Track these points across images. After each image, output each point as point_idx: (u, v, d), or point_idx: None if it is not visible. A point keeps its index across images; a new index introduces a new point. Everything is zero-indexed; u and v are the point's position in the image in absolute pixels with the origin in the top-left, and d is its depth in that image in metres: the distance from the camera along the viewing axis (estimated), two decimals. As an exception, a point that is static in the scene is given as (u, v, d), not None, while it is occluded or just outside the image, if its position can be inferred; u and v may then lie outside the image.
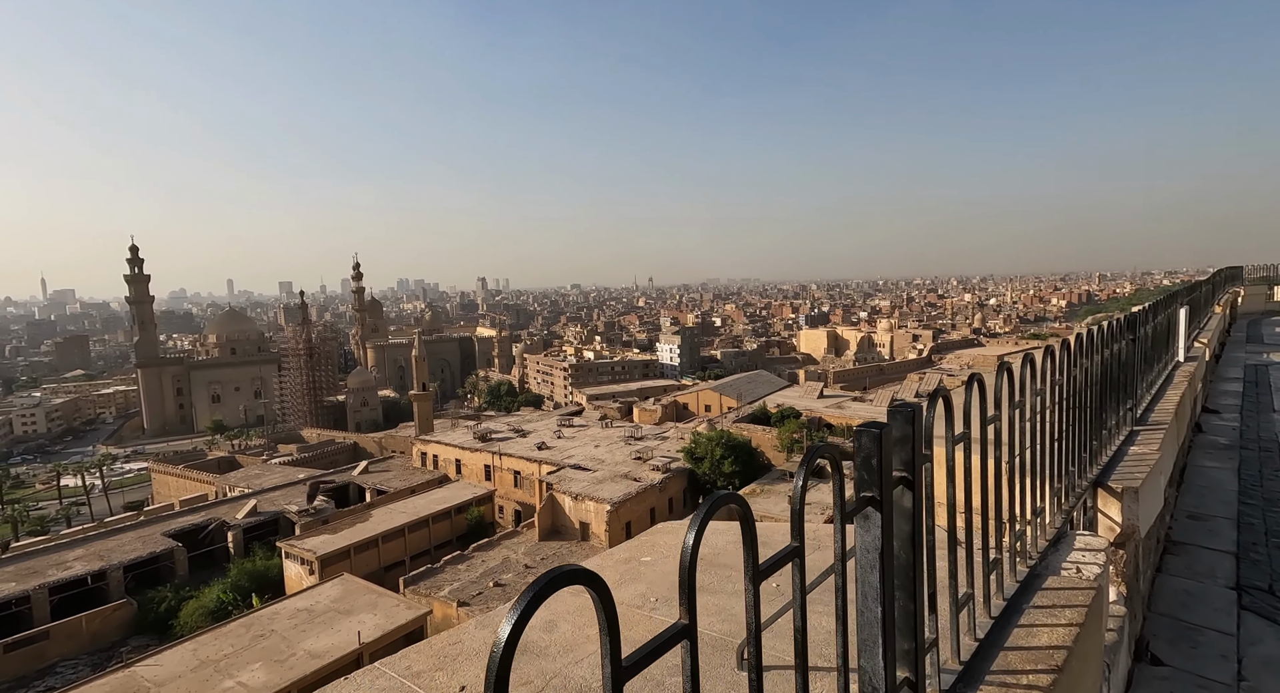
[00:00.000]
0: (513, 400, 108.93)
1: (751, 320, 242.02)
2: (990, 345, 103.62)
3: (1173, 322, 6.95)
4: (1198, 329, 9.74)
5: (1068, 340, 3.28)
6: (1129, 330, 4.58)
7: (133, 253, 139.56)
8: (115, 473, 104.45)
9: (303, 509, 43.49)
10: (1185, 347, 7.28)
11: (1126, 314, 4.74)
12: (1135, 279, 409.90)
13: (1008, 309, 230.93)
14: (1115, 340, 4.17)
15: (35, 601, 32.58)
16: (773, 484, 44.39)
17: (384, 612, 26.57)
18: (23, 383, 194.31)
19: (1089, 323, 55.44)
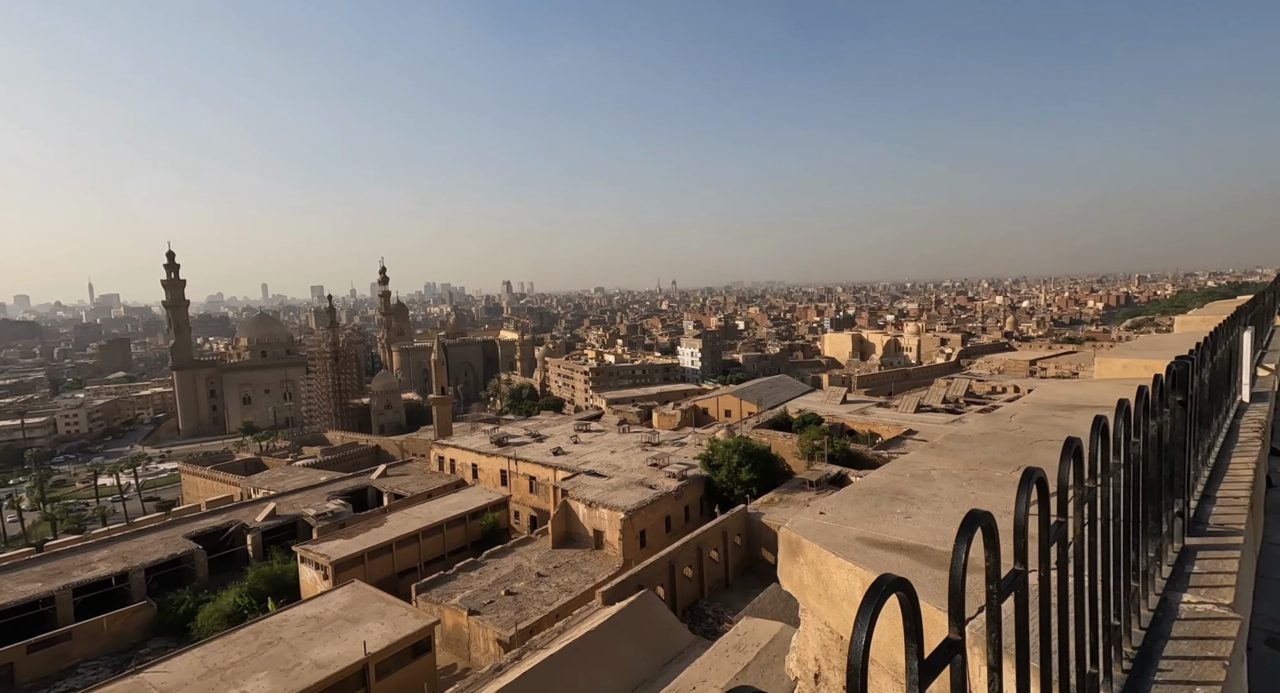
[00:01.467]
0: (533, 404, 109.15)
1: (775, 323, 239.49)
2: (1022, 350, 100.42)
3: (1235, 352, 5.44)
4: (1262, 350, 7.72)
5: (1080, 447, 1.98)
6: (1177, 389, 3.11)
7: (169, 259, 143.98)
8: (150, 473, 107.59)
9: (320, 513, 43.80)
10: (1250, 380, 5.66)
11: (1173, 365, 3.26)
12: (1177, 280, 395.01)
13: (1041, 312, 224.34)
14: (1155, 414, 2.74)
15: (59, 601, 33.27)
16: (792, 493, 43.24)
17: (392, 621, 26.34)
18: (68, 384, 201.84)
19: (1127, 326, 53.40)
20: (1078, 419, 3.77)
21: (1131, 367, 5.08)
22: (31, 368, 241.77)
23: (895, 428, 59.23)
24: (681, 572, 34.29)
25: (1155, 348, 5.93)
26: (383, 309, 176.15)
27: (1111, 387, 4.68)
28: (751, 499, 42.36)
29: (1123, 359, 5.34)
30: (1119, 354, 5.40)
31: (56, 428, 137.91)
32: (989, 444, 3.36)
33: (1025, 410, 3.85)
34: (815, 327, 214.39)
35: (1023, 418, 3.62)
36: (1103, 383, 5.11)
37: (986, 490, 2.95)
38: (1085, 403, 4.22)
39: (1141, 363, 5.00)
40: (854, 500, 3.02)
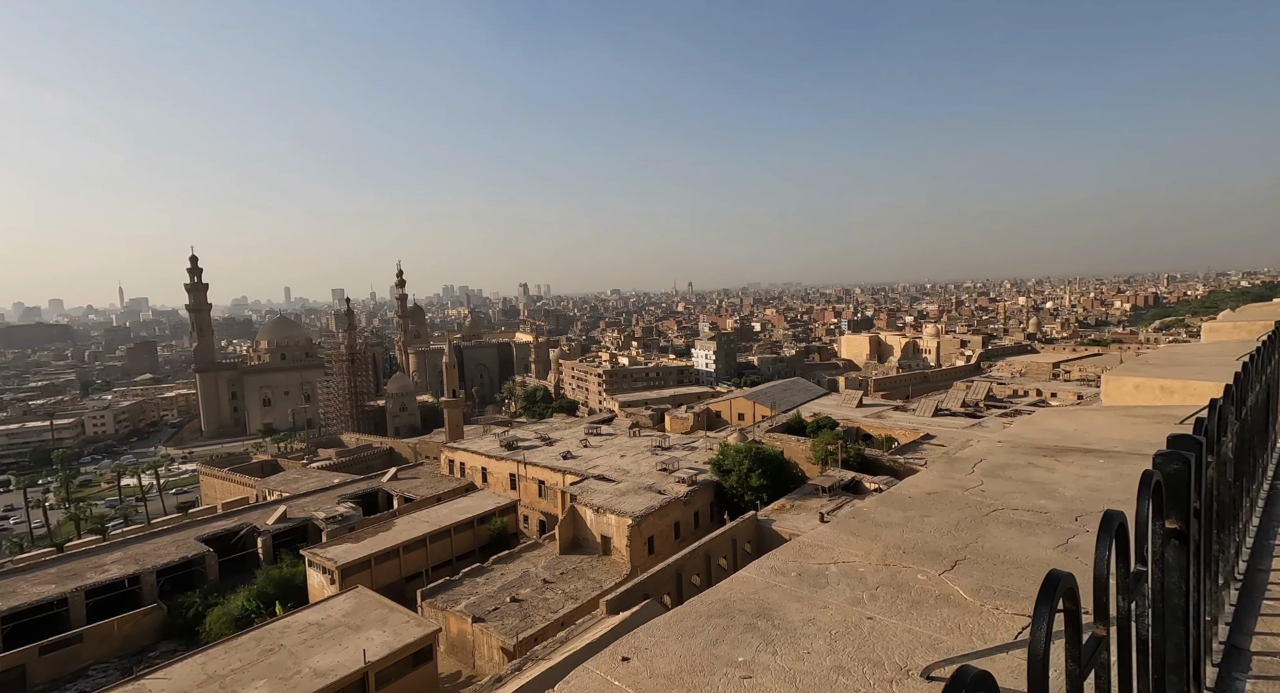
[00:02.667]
0: (546, 407, 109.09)
1: (792, 325, 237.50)
2: (1045, 352, 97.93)
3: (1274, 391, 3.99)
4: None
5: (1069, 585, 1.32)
6: (1209, 451, 2.20)
7: (192, 263, 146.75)
8: (173, 474, 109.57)
9: (330, 516, 43.88)
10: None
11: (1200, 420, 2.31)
12: (1209, 280, 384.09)
13: (1066, 313, 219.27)
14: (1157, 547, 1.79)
15: (72, 603, 33.62)
16: (804, 499, 42.30)
17: (393, 629, 26.06)
18: (97, 386, 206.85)
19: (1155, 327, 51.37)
20: (1060, 474, 2.99)
21: (1145, 388, 4.19)
22: (63, 370, 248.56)
23: (912, 432, 57.92)
24: (689, 580, 33.59)
25: (1176, 363, 4.82)
26: (400, 312, 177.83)
27: (1114, 420, 3.80)
28: (762, 505, 41.54)
29: (1135, 378, 4.39)
30: (1131, 371, 4.65)
31: (84, 429, 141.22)
32: (930, 514, 2.63)
33: (997, 455, 3.11)
34: (832, 328, 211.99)
35: (989, 468, 2.97)
36: (1104, 415, 4.06)
37: (893, 614, 2.04)
38: (1077, 444, 3.38)
39: (1157, 384, 4.09)
40: (689, 631, 2.09)
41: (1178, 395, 3.73)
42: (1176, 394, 3.63)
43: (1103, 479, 2.78)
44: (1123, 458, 2.88)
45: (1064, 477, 2.85)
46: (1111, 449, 1.94)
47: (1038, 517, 2.52)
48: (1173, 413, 3.63)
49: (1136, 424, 3.07)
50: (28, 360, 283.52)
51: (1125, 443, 2.97)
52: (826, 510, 39.78)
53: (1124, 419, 3.60)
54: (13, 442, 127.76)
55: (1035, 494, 2.71)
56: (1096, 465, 2.71)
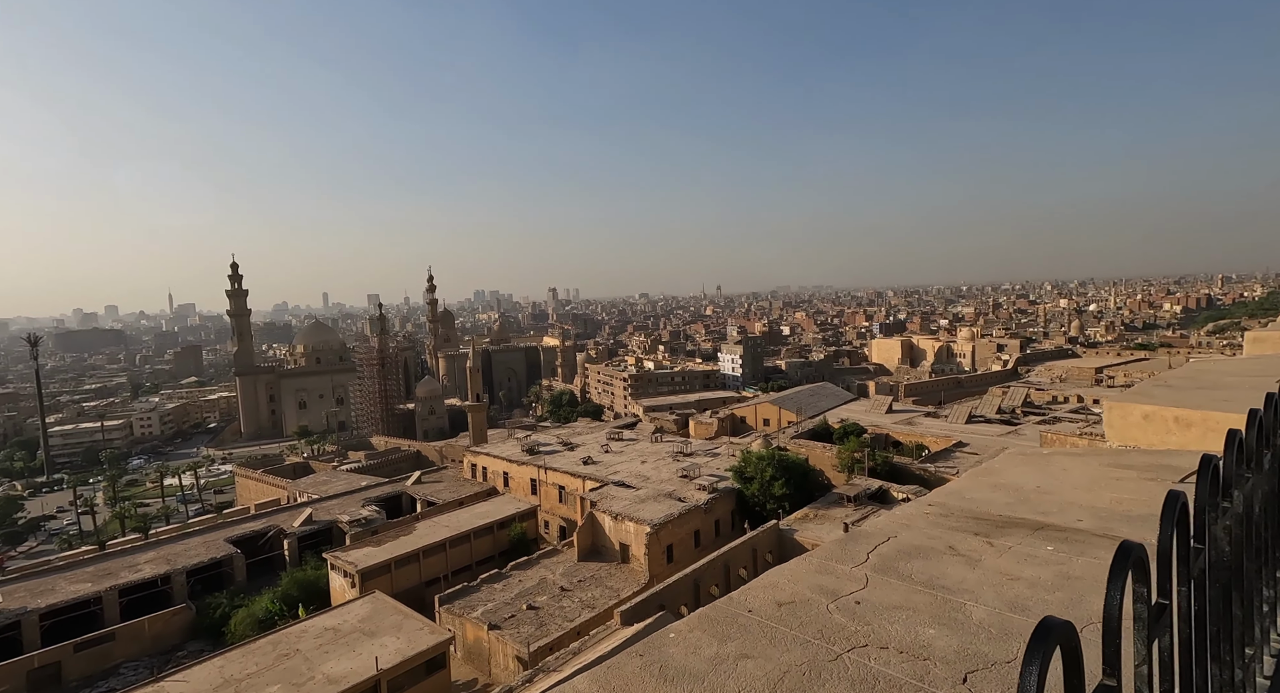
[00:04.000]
0: (572, 411, 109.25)
1: (822, 329, 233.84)
2: (1087, 356, 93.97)
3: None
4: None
5: None
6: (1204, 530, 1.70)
7: (233, 269, 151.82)
8: (213, 475, 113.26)
9: (354, 519, 44.45)
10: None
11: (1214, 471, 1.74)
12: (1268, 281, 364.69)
13: (1110, 315, 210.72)
14: None
15: (106, 601, 34.67)
16: (828, 508, 41.15)
17: (407, 636, 26.05)
18: (146, 389, 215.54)
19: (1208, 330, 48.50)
20: (984, 570, 2.05)
21: (1156, 420, 3.37)
22: (115, 373, 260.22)
23: (944, 440, 56.02)
24: (708, 591, 32.87)
25: (1201, 385, 3.92)
26: (430, 317, 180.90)
27: (1094, 473, 3.00)
28: (785, 514, 40.54)
29: (1145, 405, 3.53)
30: (1143, 395, 3.83)
31: (133, 430, 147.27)
32: (758, 652, 1.81)
33: (916, 529, 2.28)
34: (863, 332, 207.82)
35: (892, 555, 2.20)
36: (1085, 463, 3.19)
37: None
38: (1030, 513, 2.56)
39: (1171, 414, 3.28)
40: None
41: (1195, 430, 3.01)
42: (1194, 428, 2.93)
43: (1039, 584, 2.04)
44: (1082, 543, 2.13)
45: (986, 577, 2.10)
46: (1073, 525, 1.43)
47: (909, 669, 1.74)
48: (1175, 463, 2.84)
49: (1123, 480, 2.40)
50: (84, 364, 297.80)
51: (1096, 514, 2.28)
52: (851, 521, 38.59)
53: (1108, 471, 2.88)
54: (67, 442, 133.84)
55: (929, 615, 1.99)
56: (1041, 555, 2.04)
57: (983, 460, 41.76)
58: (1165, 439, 3.07)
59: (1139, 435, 3.30)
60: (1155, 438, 3.19)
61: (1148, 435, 3.26)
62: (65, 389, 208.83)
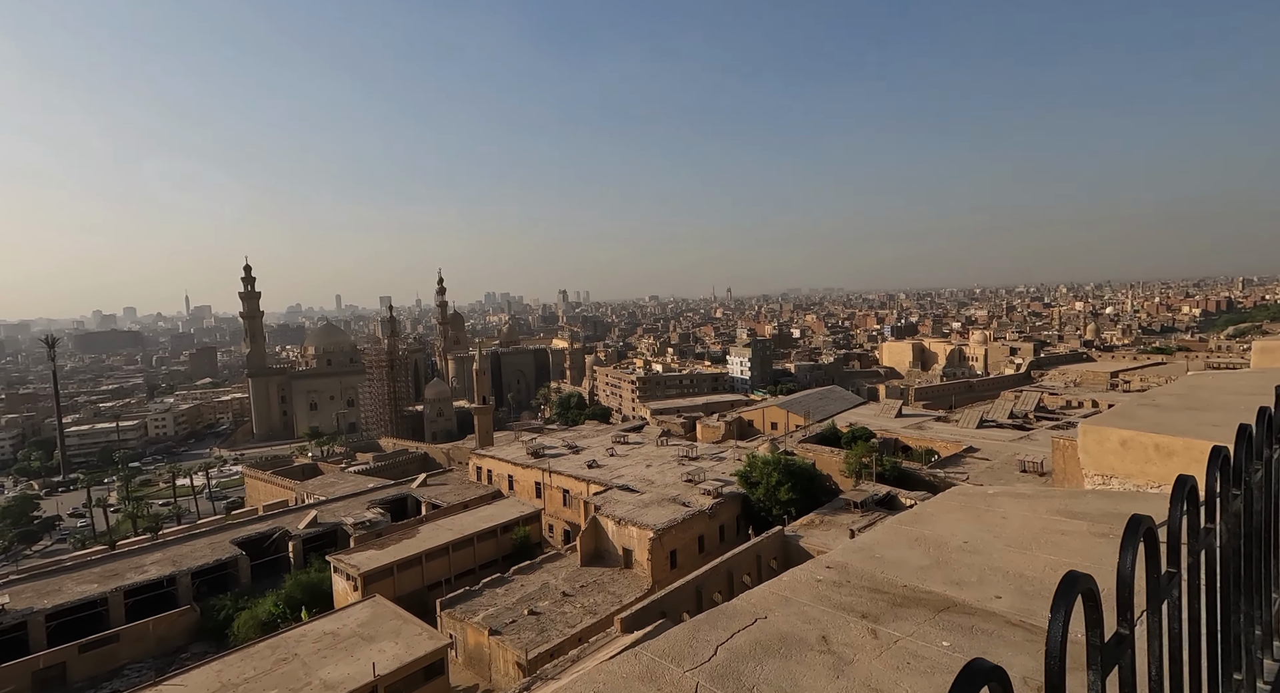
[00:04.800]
0: (580, 413, 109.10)
1: (833, 331, 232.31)
2: (1102, 360, 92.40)
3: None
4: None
5: None
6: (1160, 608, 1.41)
7: (246, 272, 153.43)
8: (224, 475, 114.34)
9: (358, 522, 44.50)
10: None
11: None
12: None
13: (1127, 319, 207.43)
14: None
15: (112, 602, 34.89)
16: (834, 514, 40.60)
17: (405, 641, 25.90)
18: (161, 390, 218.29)
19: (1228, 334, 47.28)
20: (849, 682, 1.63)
21: (1134, 447, 2.95)
22: (132, 374, 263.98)
23: (954, 445, 55.27)
24: (710, 597, 32.47)
25: (1192, 404, 3.43)
26: (440, 319, 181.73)
27: (1040, 523, 2.52)
28: (790, 520, 40.04)
29: (1125, 430, 3.09)
30: (1123, 419, 3.34)
31: (147, 430, 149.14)
32: None
33: (793, 607, 2.02)
34: (875, 335, 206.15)
35: (746, 650, 1.78)
36: (1034, 509, 2.74)
37: None
38: (940, 585, 2.10)
39: (1151, 441, 2.85)
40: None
41: (1177, 460, 2.65)
42: (1176, 458, 2.54)
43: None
44: (989, 635, 1.78)
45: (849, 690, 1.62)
46: (986, 606, 1.13)
47: None
48: (1141, 504, 2.41)
49: (1068, 536, 1.98)
50: (102, 365, 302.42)
51: (1021, 588, 1.81)
52: (858, 527, 38.02)
53: (1055, 522, 2.45)
54: (83, 442, 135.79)
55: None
56: (930, 655, 1.48)
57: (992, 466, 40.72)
58: (1144, 469, 2.73)
59: (1116, 463, 2.93)
60: (1133, 467, 2.83)
61: (1125, 464, 2.88)
62: (83, 390, 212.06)
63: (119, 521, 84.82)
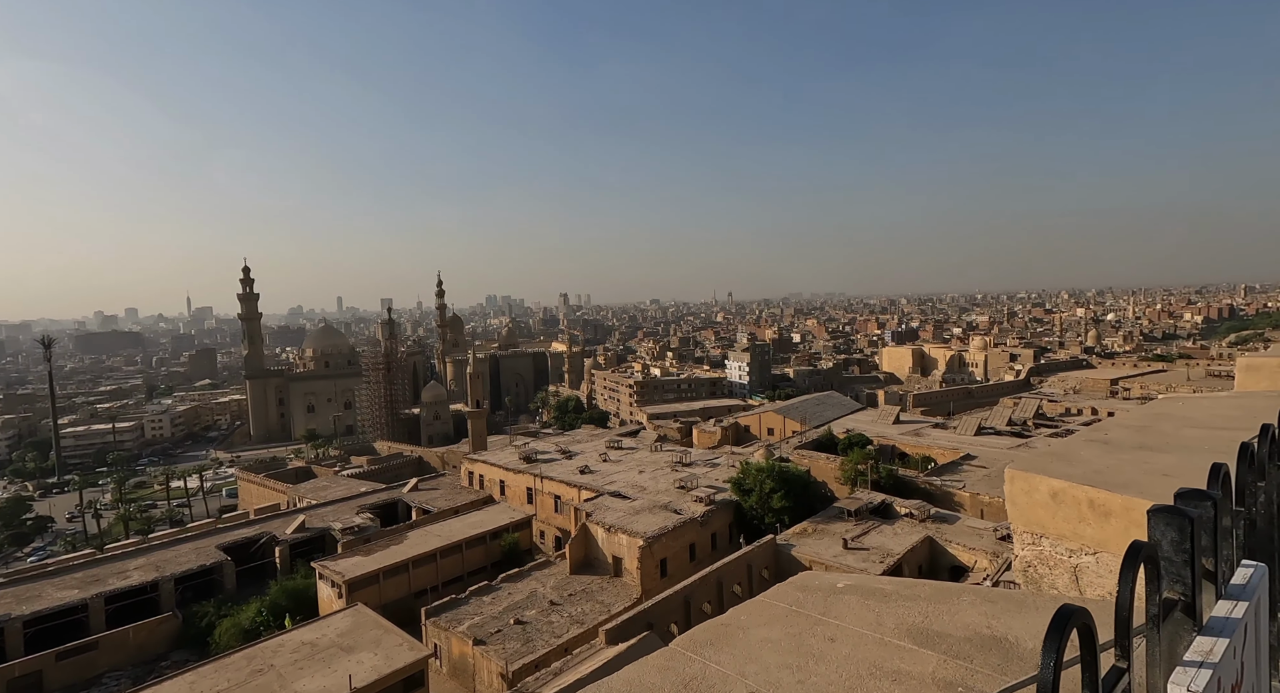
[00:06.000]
0: (577, 417, 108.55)
1: (834, 336, 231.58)
2: (1103, 367, 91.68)
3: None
4: None
5: None
6: None
7: (245, 274, 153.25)
8: (219, 478, 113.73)
9: (347, 527, 43.94)
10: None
11: None
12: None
13: (1129, 325, 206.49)
14: None
15: (92, 609, 34.33)
16: (828, 523, 39.99)
17: (385, 652, 25.32)
18: (160, 391, 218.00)
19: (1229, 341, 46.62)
20: None
21: (1067, 500, 2.34)
22: (131, 375, 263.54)
23: (952, 452, 54.67)
24: (699, 608, 31.88)
25: (1146, 444, 2.77)
26: (439, 321, 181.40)
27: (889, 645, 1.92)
28: (783, 528, 39.45)
29: (1056, 480, 2.40)
30: (1059, 461, 2.64)
31: (144, 432, 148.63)
32: None
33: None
34: (875, 340, 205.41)
35: None
36: (894, 614, 2.12)
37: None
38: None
39: (1086, 495, 2.24)
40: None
41: (1115, 523, 2.08)
42: (1114, 520, 2.06)
43: None
44: None
45: None
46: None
47: None
48: (1018, 635, 1.90)
49: (900, 682, 1.34)
50: (101, 366, 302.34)
51: None
52: (851, 537, 37.39)
53: (898, 651, 1.82)
54: (79, 443, 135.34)
55: None
56: None
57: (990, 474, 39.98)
58: (1078, 530, 2.21)
59: (1046, 519, 2.37)
60: (1065, 526, 2.29)
61: (1056, 521, 2.32)
62: (81, 390, 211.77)
63: (111, 523, 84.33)
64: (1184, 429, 2.76)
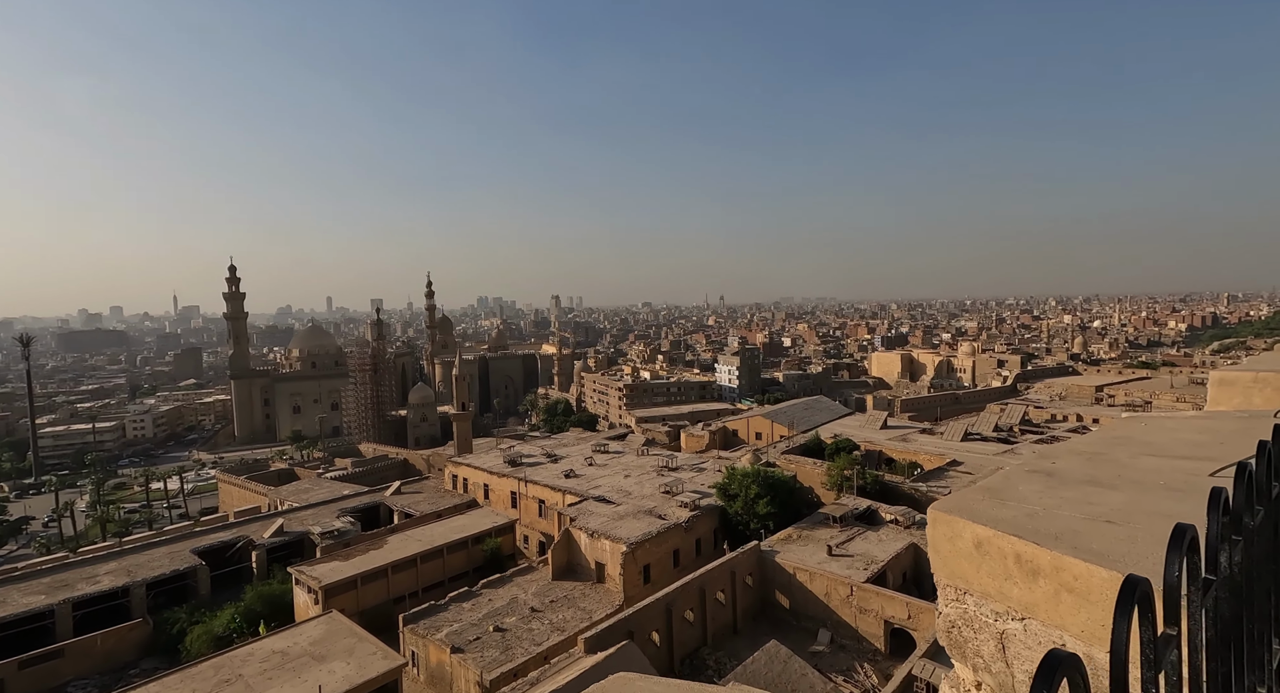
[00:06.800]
0: (565, 420, 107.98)
1: (824, 341, 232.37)
2: (1088, 374, 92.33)
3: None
4: None
5: None
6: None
7: (231, 272, 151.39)
8: (201, 479, 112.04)
9: (326, 531, 43.20)
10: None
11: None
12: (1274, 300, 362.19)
13: (1114, 332, 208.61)
14: None
15: (59, 615, 33.41)
16: (813, 529, 39.75)
17: (358, 661, 24.74)
18: (144, 390, 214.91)
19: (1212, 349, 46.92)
20: None
21: (992, 552, 2.03)
22: (115, 374, 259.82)
23: (938, 458, 54.61)
24: (681, 615, 31.50)
25: (1095, 479, 2.46)
26: (429, 323, 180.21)
27: None
28: (768, 534, 39.17)
29: (980, 526, 2.09)
30: (990, 499, 2.39)
31: (125, 432, 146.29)
32: None
33: None
34: (865, 345, 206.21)
35: None
36: None
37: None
38: None
39: (1013, 548, 1.93)
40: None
41: (1044, 583, 1.74)
42: (1042, 581, 1.72)
43: None
44: None
45: None
46: None
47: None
48: None
49: None
50: (84, 364, 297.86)
51: None
52: (836, 543, 37.14)
53: None
54: (58, 443, 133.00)
55: None
56: None
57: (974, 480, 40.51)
58: (1004, 589, 1.86)
59: (970, 573, 2.01)
60: (990, 583, 1.92)
61: (980, 576, 1.91)
62: (63, 390, 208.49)
63: (88, 526, 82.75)
64: (1141, 458, 2.45)
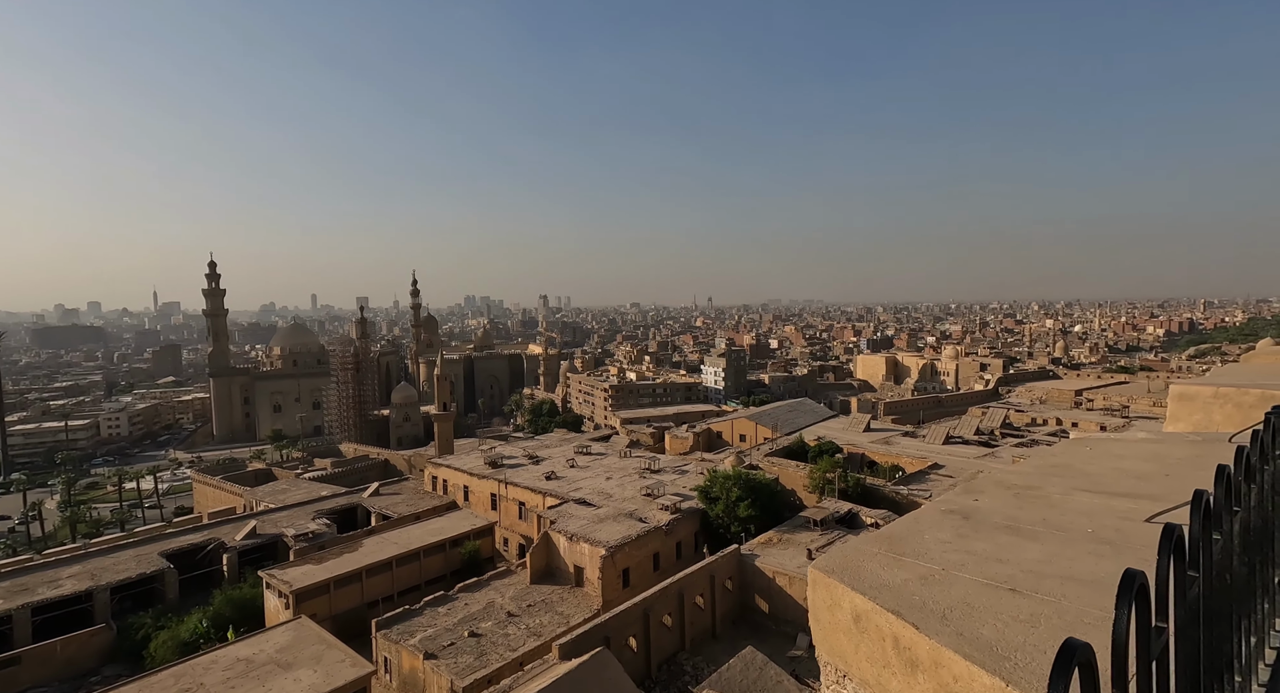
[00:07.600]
0: (550, 421, 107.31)
1: (811, 343, 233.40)
2: (1068, 378, 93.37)
3: None
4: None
5: None
6: None
7: (211, 269, 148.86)
8: (178, 479, 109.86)
9: (300, 533, 42.31)
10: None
11: None
12: (1249, 307, 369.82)
13: (1095, 337, 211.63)
14: None
15: (17, 621, 32.30)
16: (794, 532, 39.56)
17: (325, 669, 24.10)
18: (121, 388, 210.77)
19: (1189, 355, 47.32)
20: None
21: (870, 629, 1.67)
22: (90, 371, 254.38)
23: (920, 461, 54.77)
24: (659, 620, 31.14)
25: (1018, 524, 2.00)
26: (414, 322, 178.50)
27: None
28: (749, 538, 38.94)
29: (861, 597, 1.61)
30: (884, 553, 1.89)
31: (99, 430, 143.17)
32: None
33: None
34: (851, 347, 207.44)
35: None
36: None
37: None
38: None
39: (891, 628, 1.51)
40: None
41: (922, 680, 1.44)
42: (921, 675, 1.42)
43: None
44: None
45: None
46: None
47: None
48: None
49: None
50: (59, 361, 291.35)
51: None
52: (816, 547, 37.01)
53: None
54: (28, 441, 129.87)
55: None
56: None
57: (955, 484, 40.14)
58: (881, 678, 1.49)
59: (848, 651, 1.60)
60: (868, 668, 1.54)
61: (859, 658, 1.63)
62: (35, 386, 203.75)
63: (57, 527, 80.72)
64: (1074, 495, 2.12)
